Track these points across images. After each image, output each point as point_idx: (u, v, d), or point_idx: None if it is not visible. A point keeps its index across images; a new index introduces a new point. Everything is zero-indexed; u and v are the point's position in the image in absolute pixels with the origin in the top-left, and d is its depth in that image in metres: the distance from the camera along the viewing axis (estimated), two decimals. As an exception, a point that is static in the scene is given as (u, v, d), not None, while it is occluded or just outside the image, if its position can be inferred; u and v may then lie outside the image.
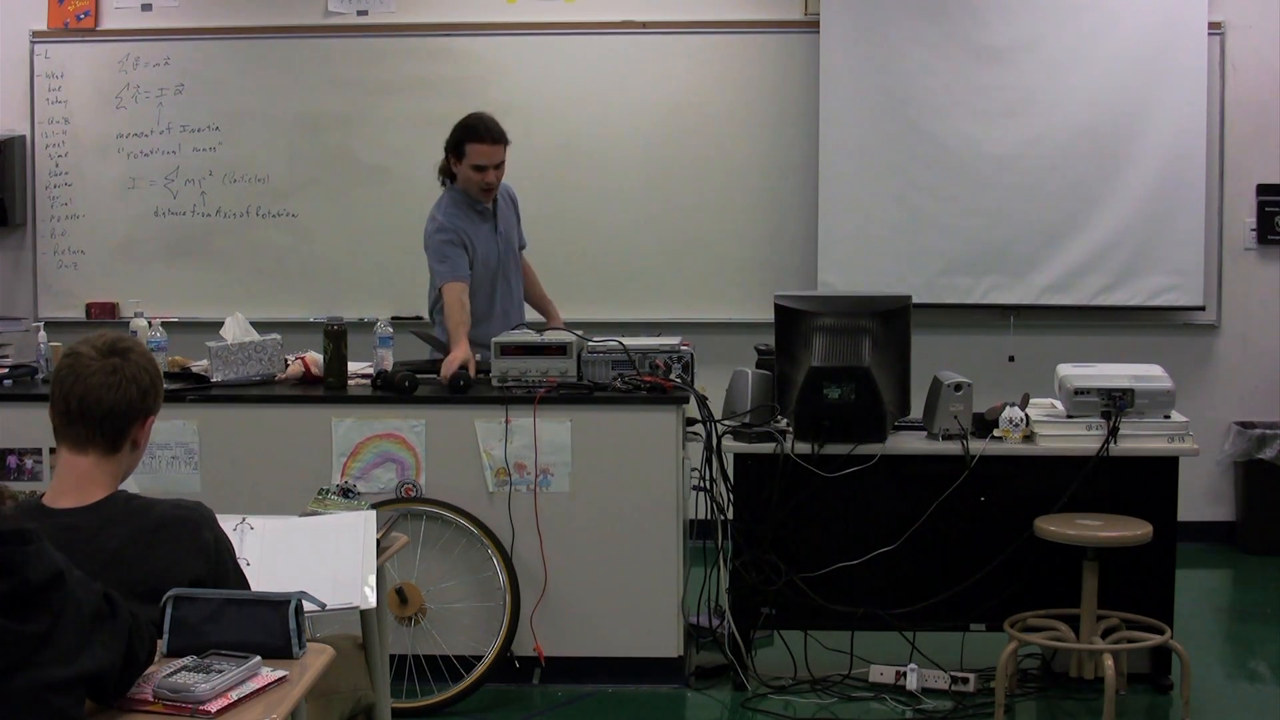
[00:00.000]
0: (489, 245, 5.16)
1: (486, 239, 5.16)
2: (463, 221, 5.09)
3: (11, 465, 4.82)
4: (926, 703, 4.53)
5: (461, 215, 5.10)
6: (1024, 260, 6.54)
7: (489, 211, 5.18)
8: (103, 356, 2.53)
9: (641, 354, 4.79)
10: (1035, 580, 4.61)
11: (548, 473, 4.70)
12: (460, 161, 5.05)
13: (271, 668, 2.37)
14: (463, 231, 5.08)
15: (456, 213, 5.10)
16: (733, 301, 6.70)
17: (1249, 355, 6.69)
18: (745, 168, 6.70)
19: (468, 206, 5.13)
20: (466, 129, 5.04)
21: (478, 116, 5.08)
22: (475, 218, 5.14)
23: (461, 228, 5.08)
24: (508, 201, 5.29)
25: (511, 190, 5.33)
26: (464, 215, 5.11)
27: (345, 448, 4.75)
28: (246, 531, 3.16)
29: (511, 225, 5.31)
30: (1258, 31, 6.57)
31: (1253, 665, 5.15)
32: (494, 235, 5.19)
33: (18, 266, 6.99)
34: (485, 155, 5.02)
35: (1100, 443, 4.54)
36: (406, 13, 6.79)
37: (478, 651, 4.65)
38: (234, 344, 4.89)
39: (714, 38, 6.68)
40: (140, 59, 6.82)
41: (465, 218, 5.10)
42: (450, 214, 5.08)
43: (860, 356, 4.51)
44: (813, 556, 4.67)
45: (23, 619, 1.99)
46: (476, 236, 5.12)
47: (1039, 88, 6.47)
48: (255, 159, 6.83)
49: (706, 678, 4.80)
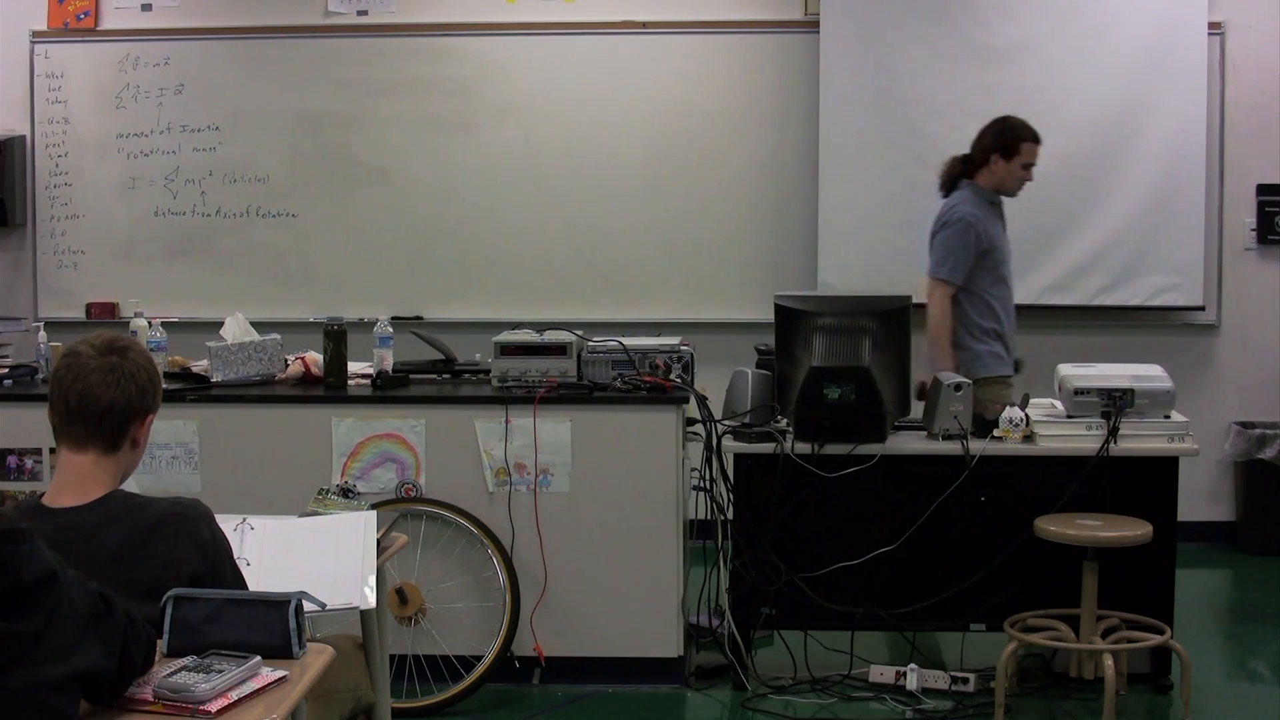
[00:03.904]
0: (1004, 239, 5.36)
1: (1002, 234, 5.35)
2: (988, 223, 5.27)
3: (11, 465, 4.81)
4: (926, 703, 4.53)
5: (986, 217, 5.28)
6: (1024, 260, 6.48)
7: (999, 207, 5.37)
8: (101, 355, 2.53)
9: (641, 354, 4.79)
10: (1035, 580, 4.61)
11: (548, 473, 4.70)
12: (1010, 160, 5.27)
13: (271, 668, 2.37)
14: (988, 236, 5.24)
15: (982, 215, 5.27)
16: (733, 301, 6.70)
17: (1249, 355, 6.69)
18: (745, 167, 6.70)
19: (987, 204, 5.31)
20: (1021, 129, 5.30)
21: (1017, 119, 5.34)
22: (993, 215, 5.33)
23: (988, 232, 5.24)
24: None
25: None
26: (987, 215, 5.29)
27: (345, 448, 4.75)
28: (247, 531, 3.16)
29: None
30: (1258, 31, 6.58)
31: (1253, 665, 5.15)
32: (1004, 231, 5.38)
33: (18, 266, 6.99)
34: (1035, 153, 5.32)
35: (1100, 443, 4.54)
36: (406, 13, 6.79)
37: (478, 651, 4.65)
38: (234, 344, 4.89)
39: (714, 38, 6.68)
40: (140, 59, 6.83)
41: (989, 219, 5.28)
42: (978, 216, 5.25)
43: (860, 356, 4.51)
44: (813, 556, 4.67)
45: (16, 618, 1.99)
46: (997, 235, 5.30)
47: (1039, 88, 6.47)
48: (255, 159, 6.83)
49: (706, 678, 4.80)
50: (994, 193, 5.33)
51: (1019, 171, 5.30)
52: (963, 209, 5.24)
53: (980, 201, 5.29)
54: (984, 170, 5.30)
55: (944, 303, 5.22)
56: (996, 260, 5.27)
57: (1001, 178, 5.31)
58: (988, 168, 5.29)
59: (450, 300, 6.79)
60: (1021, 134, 5.29)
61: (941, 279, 5.23)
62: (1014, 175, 5.31)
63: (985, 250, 5.23)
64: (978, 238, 5.21)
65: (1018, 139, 5.27)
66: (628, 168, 6.72)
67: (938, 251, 5.27)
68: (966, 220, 5.21)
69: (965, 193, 5.31)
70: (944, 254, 5.23)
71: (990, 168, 5.29)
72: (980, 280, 5.25)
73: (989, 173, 5.30)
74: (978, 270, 5.23)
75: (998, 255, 5.28)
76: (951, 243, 5.22)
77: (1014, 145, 5.26)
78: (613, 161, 6.72)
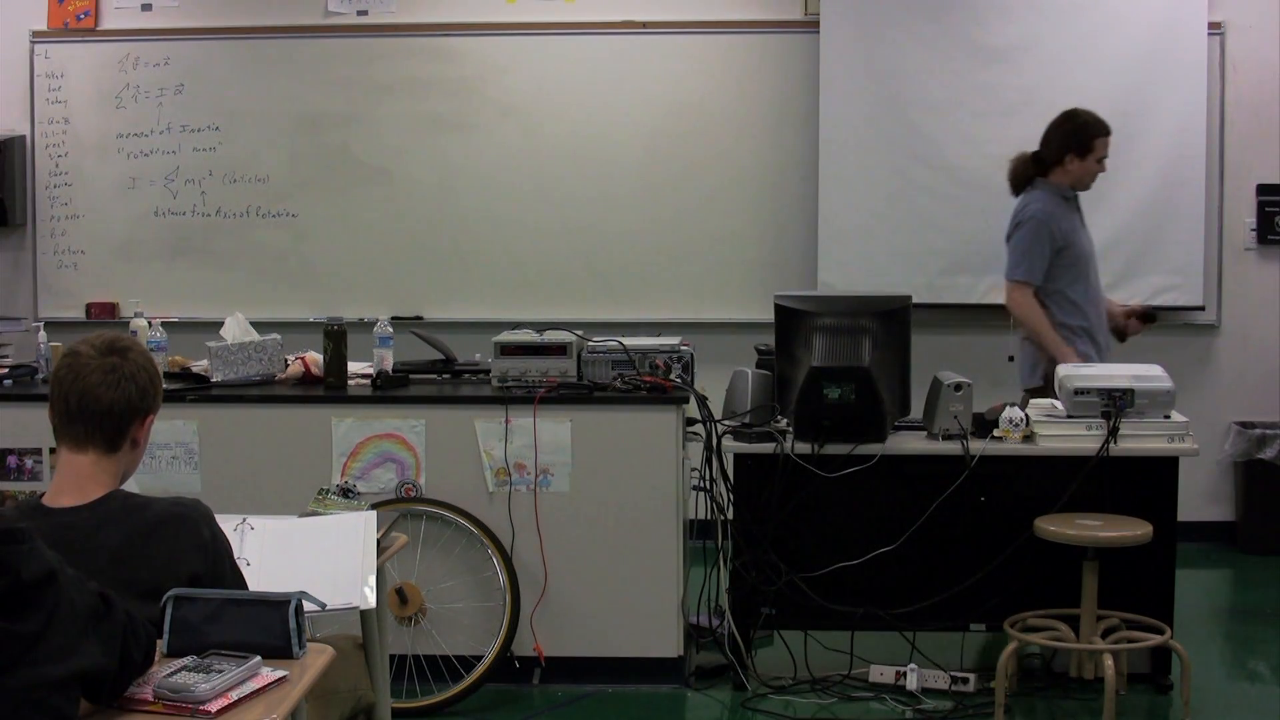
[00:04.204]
0: (1082, 234, 5.32)
1: (1079, 229, 5.31)
2: (1064, 222, 5.24)
3: (11, 465, 4.81)
4: (926, 703, 4.53)
5: (1063, 215, 5.25)
6: (1024, 260, 6.53)
7: (1075, 202, 5.33)
8: (101, 355, 2.53)
9: (641, 354, 4.79)
10: (1035, 580, 4.61)
11: (548, 473, 4.70)
12: (1084, 157, 5.24)
13: (271, 668, 2.37)
14: (1063, 233, 5.21)
15: (1058, 213, 5.24)
16: (733, 301, 6.70)
17: (1249, 355, 6.69)
18: (745, 167, 6.70)
19: (1062, 201, 5.28)
20: (1094, 124, 5.28)
21: (1087, 112, 5.33)
22: (1069, 211, 5.29)
23: (1062, 229, 5.21)
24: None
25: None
26: (1064, 215, 5.26)
27: (345, 448, 4.75)
28: (246, 532, 3.16)
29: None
30: (1258, 31, 6.58)
31: (1253, 665, 5.15)
32: (1083, 226, 5.35)
33: (18, 266, 6.99)
34: (1108, 145, 5.31)
35: (1100, 443, 4.54)
36: (406, 13, 6.79)
37: (478, 651, 4.65)
38: (234, 344, 4.89)
39: (714, 38, 6.68)
40: (140, 59, 6.83)
41: (1065, 217, 5.26)
42: (1054, 215, 5.22)
43: (860, 356, 4.51)
44: (813, 556, 4.67)
45: (16, 618, 1.99)
46: (1073, 230, 5.27)
47: (1039, 88, 6.46)
48: (255, 159, 6.83)
49: (706, 678, 4.80)
50: (1070, 189, 5.30)
51: (1094, 167, 5.29)
52: (1033, 208, 5.23)
53: (1054, 199, 5.25)
54: (1058, 169, 5.27)
55: (1027, 300, 5.20)
56: (1074, 257, 5.23)
57: (1078, 175, 5.28)
58: (1062, 167, 5.26)
59: (450, 300, 6.79)
60: (1094, 130, 5.26)
61: (1019, 280, 5.21)
62: (1089, 172, 5.29)
63: (1061, 248, 5.19)
64: (1051, 236, 5.18)
65: (1091, 136, 5.25)
66: (628, 167, 6.72)
67: (1013, 253, 5.25)
68: (1038, 219, 5.19)
69: (1038, 192, 5.28)
70: (1019, 255, 5.22)
71: (1065, 167, 5.26)
72: (1060, 278, 5.21)
73: (1063, 171, 5.27)
74: (1056, 268, 5.20)
75: (1075, 252, 5.24)
76: (1025, 243, 5.20)
77: (1088, 143, 5.24)
78: (613, 161, 6.72)
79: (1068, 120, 5.30)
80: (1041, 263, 5.19)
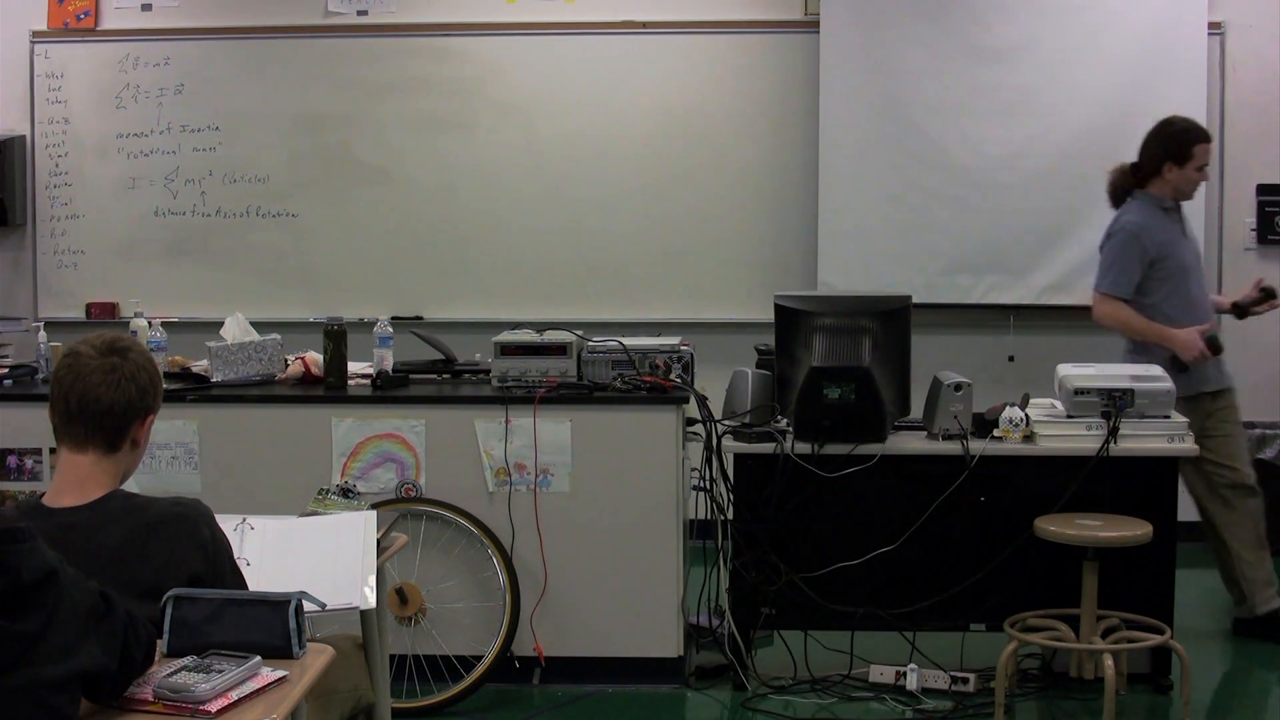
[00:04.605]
0: (1183, 246, 5.16)
1: (1179, 241, 5.15)
2: (1161, 234, 5.10)
3: (11, 465, 4.82)
4: (926, 703, 4.53)
5: (1160, 227, 5.11)
6: (1024, 260, 6.54)
7: (1175, 212, 5.19)
8: (101, 356, 2.53)
9: (641, 354, 4.79)
10: (1035, 580, 4.61)
11: (548, 473, 4.70)
12: (1184, 165, 5.09)
13: (271, 668, 2.37)
14: (1157, 245, 5.07)
15: (1154, 224, 5.11)
16: (733, 301, 6.70)
17: (1249, 355, 6.67)
18: (745, 167, 6.70)
19: (1161, 212, 5.14)
20: (1192, 131, 5.14)
21: (1185, 119, 5.20)
22: (1168, 223, 5.14)
23: (1156, 240, 5.08)
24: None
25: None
26: (1162, 226, 5.12)
27: (345, 448, 4.75)
28: (246, 532, 3.16)
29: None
30: (1258, 31, 6.58)
31: (1252, 665, 5.14)
32: (1184, 237, 5.20)
33: (18, 266, 6.99)
34: (1209, 152, 5.18)
35: (1100, 443, 4.54)
36: (406, 13, 6.79)
37: (478, 651, 4.65)
38: (234, 344, 4.90)
39: (714, 38, 6.68)
40: (140, 59, 6.83)
41: (1162, 229, 5.11)
42: (1147, 227, 5.09)
43: (860, 356, 4.51)
44: (813, 556, 4.67)
45: (16, 617, 1.99)
46: (1171, 242, 5.11)
47: (1039, 88, 6.47)
48: (255, 159, 6.83)
49: (706, 678, 4.80)
50: (1170, 199, 5.17)
51: (1194, 175, 5.15)
52: (1126, 218, 5.14)
53: (1152, 211, 5.13)
54: (1156, 180, 5.13)
55: (1113, 309, 5.09)
56: (1171, 270, 5.09)
57: (1177, 184, 5.14)
58: (1160, 177, 5.12)
59: (450, 300, 6.79)
60: (1192, 138, 5.13)
61: (1105, 292, 5.12)
62: (1190, 180, 5.15)
63: (1155, 260, 5.07)
64: (1143, 248, 5.06)
65: (1189, 143, 5.11)
66: (627, 167, 6.72)
67: (1101, 264, 5.16)
68: (1129, 230, 5.10)
69: (1135, 203, 5.17)
70: (1106, 266, 5.13)
71: (1164, 176, 5.12)
72: (1155, 291, 5.09)
73: (1162, 181, 5.12)
74: (1151, 281, 5.08)
75: (1173, 264, 5.10)
76: (1113, 254, 5.12)
77: (1186, 151, 5.10)
78: (613, 161, 6.72)
79: (1165, 128, 5.17)
80: (1130, 275, 5.08)
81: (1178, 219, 5.21)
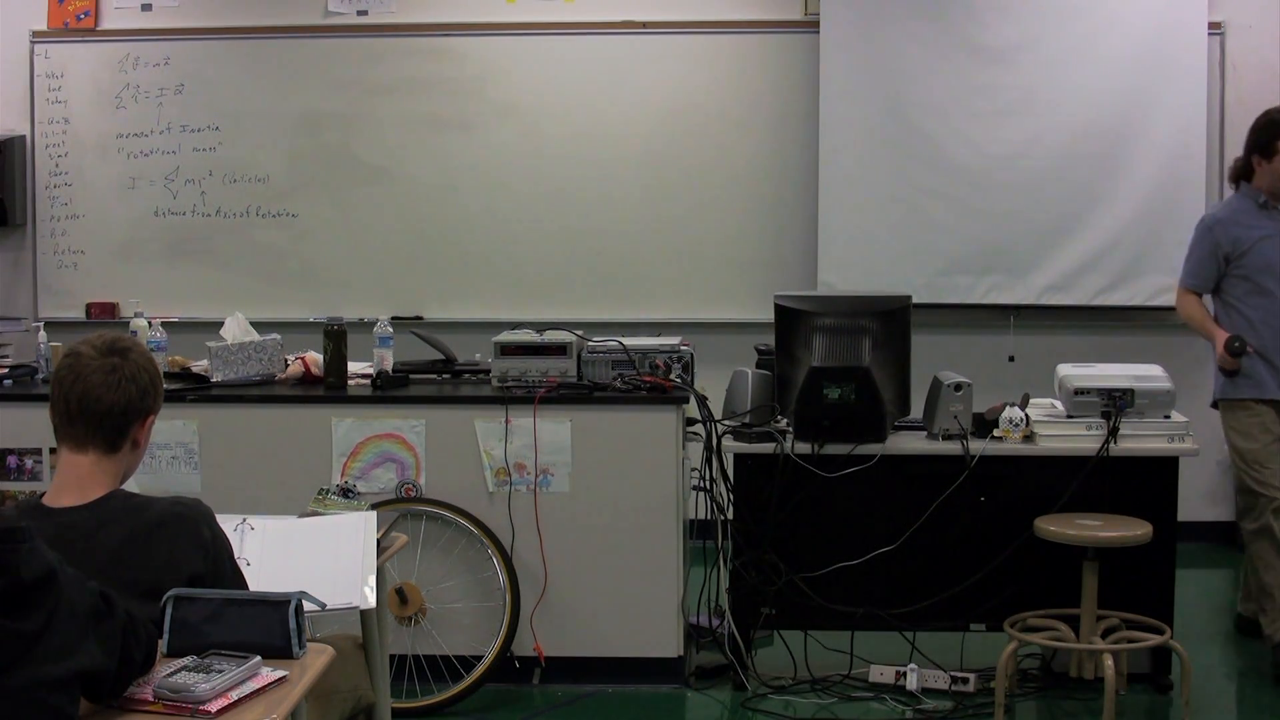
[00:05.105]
0: (1270, 245, 4.97)
1: (1269, 239, 4.97)
2: (1243, 230, 4.96)
3: (11, 465, 4.82)
4: (926, 703, 4.53)
5: (1244, 222, 4.98)
6: (1024, 260, 6.54)
7: (1273, 209, 5.00)
8: (102, 356, 2.53)
9: (641, 354, 4.79)
10: (1035, 580, 4.61)
11: (548, 473, 4.70)
12: (1270, 158, 4.94)
13: (271, 668, 2.37)
14: (1233, 240, 4.96)
15: (1236, 219, 4.99)
16: (733, 301, 6.70)
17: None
18: (745, 167, 6.70)
19: (1255, 208, 4.99)
20: (1276, 124, 4.96)
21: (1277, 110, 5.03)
22: (1260, 219, 4.98)
23: (1233, 235, 4.96)
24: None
25: None
26: (1248, 222, 4.98)
27: (345, 448, 4.75)
28: (246, 532, 3.16)
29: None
30: (1258, 31, 6.58)
31: (1252, 666, 5.14)
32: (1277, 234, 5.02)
33: (18, 266, 6.99)
34: None
35: (1100, 443, 4.54)
36: (406, 13, 6.79)
37: (478, 651, 4.65)
38: (234, 344, 4.90)
39: (714, 38, 6.68)
40: (140, 59, 6.83)
41: (1248, 224, 4.97)
42: (1226, 220, 5.01)
43: (860, 356, 4.51)
44: (813, 556, 4.67)
45: (16, 617, 1.99)
46: (1254, 240, 4.95)
47: (1039, 88, 6.47)
48: (255, 159, 6.83)
49: (706, 678, 4.80)
50: (1267, 194, 4.98)
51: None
52: (1209, 211, 5.07)
53: (1243, 205, 5.01)
54: (1254, 174, 4.99)
55: (1184, 302, 5.08)
56: (1251, 269, 4.95)
57: (1268, 178, 4.96)
58: (1256, 171, 4.99)
59: (450, 300, 6.79)
60: (1276, 130, 4.95)
61: (1181, 284, 5.11)
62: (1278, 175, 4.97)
63: (1230, 255, 4.96)
64: (1216, 243, 4.97)
65: (1273, 136, 4.94)
66: (627, 167, 6.72)
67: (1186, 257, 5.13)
68: (1204, 223, 5.05)
69: (1231, 196, 5.12)
70: (1185, 259, 5.11)
71: (1257, 170, 4.98)
72: (1233, 289, 5.00)
73: (1258, 175, 4.98)
74: (1230, 278, 4.99)
75: (1253, 263, 4.94)
76: (1190, 247, 5.09)
77: (1271, 144, 4.94)
78: (612, 161, 6.72)
79: (1261, 118, 5.01)
80: (1202, 268, 5.02)
81: (1272, 217, 4.99)
